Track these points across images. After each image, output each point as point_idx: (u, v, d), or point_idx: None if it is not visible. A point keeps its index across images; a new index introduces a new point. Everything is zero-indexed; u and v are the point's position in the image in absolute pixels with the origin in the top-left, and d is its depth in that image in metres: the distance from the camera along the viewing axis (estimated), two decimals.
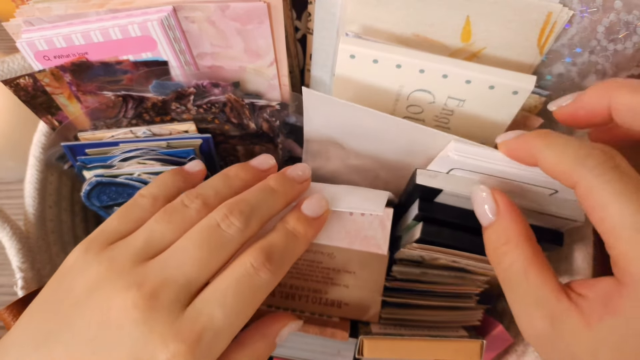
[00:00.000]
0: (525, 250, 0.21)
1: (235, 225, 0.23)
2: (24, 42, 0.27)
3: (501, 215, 0.22)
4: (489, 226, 0.23)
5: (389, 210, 0.28)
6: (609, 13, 0.26)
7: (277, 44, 0.29)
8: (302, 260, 0.29)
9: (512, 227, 0.22)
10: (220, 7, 0.27)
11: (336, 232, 0.28)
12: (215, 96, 0.30)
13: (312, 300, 0.30)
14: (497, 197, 0.23)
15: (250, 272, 0.22)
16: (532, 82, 0.25)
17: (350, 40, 0.26)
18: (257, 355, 0.24)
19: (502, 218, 0.22)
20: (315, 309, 0.30)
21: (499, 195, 0.23)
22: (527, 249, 0.21)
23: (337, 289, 0.29)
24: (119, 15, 0.27)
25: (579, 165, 0.19)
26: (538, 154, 0.21)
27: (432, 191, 0.26)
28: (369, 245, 0.28)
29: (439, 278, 0.31)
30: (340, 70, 0.27)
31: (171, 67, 0.28)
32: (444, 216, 0.27)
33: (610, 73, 0.29)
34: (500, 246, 0.22)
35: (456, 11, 0.26)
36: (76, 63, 0.28)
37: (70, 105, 0.31)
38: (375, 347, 0.28)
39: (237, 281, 0.22)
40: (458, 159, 0.24)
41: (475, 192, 0.23)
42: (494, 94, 0.26)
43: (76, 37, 0.27)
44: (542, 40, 0.27)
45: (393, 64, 0.26)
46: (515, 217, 0.22)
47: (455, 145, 0.24)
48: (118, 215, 0.25)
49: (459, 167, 0.25)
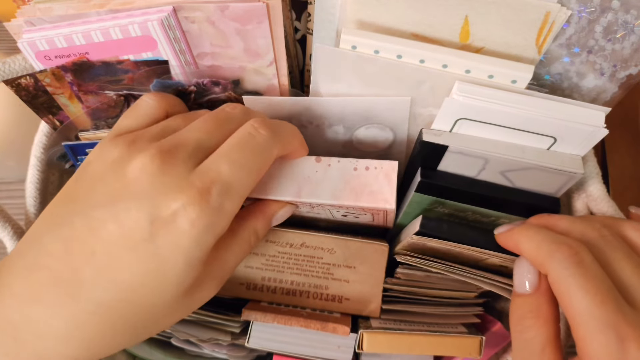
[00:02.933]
0: (550, 330, 0.23)
1: (238, 108, 0.27)
2: (25, 42, 0.27)
3: (542, 292, 0.24)
4: (522, 295, 0.25)
5: (393, 162, 0.27)
6: (607, 13, 0.27)
7: (276, 43, 0.29)
8: (303, 256, 0.30)
9: (547, 307, 0.24)
10: (219, 7, 0.27)
11: (340, 190, 0.27)
12: (216, 94, 0.30)
13: (313, 296, 0.30)
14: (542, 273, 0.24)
15: (251, 131, 0.25)
16: (531, 71, 0.26)
17: (351, 32, 0.26)
18: (255, 229, 0.27)
19: (542, 295, 0.24)
20: (317, 305, 0.30)
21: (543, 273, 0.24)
22: (552, 329, 0.23)
23: (338, 284, 0.30)
24: (120, 16, 0.27)
25: (550, 258, 0.23)
26: (520, 246, 0.25)
27: (435, 157, 0.27)
28: (376, 200, 0.27)
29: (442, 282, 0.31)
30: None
31: (171, 66, 0.28)
32: (446, 183, 0.28)
33: (608, 73, 0.29)
34: (529, 318, 0.24)
35: (455, 11, 0.26)
36: (77, 63, 0.28)
37: (71, 105, 0.31)
38: (375, 341, 0.29)
39: (240, 140, 0.24)
40: (463, 101, 0.25)
41: (521, 262, 0.25)
42: (493, 83, 0.26)
43: (77, 37, 0.27)
44: (540, 40, 0.27)
45: (394, 54, 0.26)
46: (552, 297, 0.24)
47: (460, 85, 0.25)
48: (127, 114, 0.27)
49: (464, 117, 0.26)
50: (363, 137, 0.32)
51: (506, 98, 0.25)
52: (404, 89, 0.28)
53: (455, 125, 0.27)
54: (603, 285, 0.21)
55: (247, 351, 0.34)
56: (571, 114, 0.25)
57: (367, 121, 0.31)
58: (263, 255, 0.31)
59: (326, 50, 0.27)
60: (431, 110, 0.29)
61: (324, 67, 0.28)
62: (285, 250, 0.31)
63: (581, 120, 0.25)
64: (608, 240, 0.24)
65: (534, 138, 0.27)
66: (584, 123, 0.25)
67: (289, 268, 0.30)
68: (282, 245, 0.31)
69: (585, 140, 0.26)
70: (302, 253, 0.30)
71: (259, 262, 0.31)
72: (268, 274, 0.31)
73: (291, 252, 0.31)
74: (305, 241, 0.31)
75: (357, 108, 0.30)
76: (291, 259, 0.31)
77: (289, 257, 0.31)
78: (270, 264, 0.31)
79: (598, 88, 0.30)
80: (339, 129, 0.32)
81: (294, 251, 0.31)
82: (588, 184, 0.31)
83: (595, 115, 0.25)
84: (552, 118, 0.25)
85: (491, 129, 0.27)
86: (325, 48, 0.27)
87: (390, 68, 0.27)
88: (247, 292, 0.31)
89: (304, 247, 0.31)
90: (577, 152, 0.27)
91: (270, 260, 0.31)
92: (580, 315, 0.21)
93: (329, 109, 0.30)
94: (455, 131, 0.27)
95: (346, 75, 0.28)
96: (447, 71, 0.26)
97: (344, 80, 0.29)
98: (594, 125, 0.25)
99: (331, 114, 0.31)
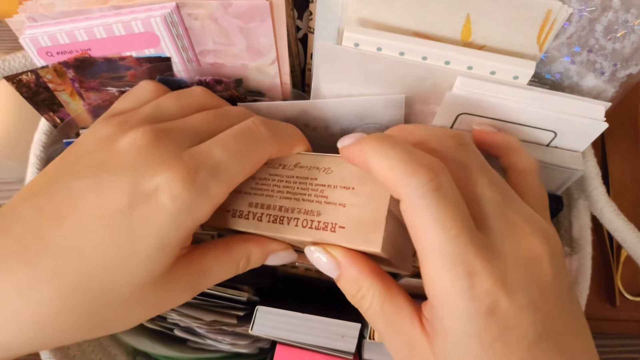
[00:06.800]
0: (376, 289, 0.22)
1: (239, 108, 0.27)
2: (27, 38, 0.27)
3: (343, 267, 0.22)
4: (338, 279, 0.23)
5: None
6: (607, 12, 0.27)
7: (279, 42, 0.29)
8: (295, 177, 0.26)
9: (358, 274, 0.22)
10: (222, 5, 0.27)
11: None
12: (219, 92, 0.30)
13: (302, 224, 0.25)
14: (332, 251, 0.23)
15: (251, 126, 0.24)
16: (533, 66, 0.26)
17: (354, 29, 0.27)
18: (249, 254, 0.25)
19: (346, 269, 0.22)
20: (306, 235, 0.25)
21: (333, 250, 0.23)
22: (378, 287, 0.22)
23: (332, 209, 0.24)
24: (122, 12, 0.27)
25: (405, 183, 0.19)
26: (370, 165, 0.21)
27: None
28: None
29: None
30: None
31: (174, 63, 0.29)
32: None
33: (609, 72, 0.29)
34: (356, 294, 0.22)
35: (457, 9, 0.27)
36: (79, 59, 0.28)
37: (72, 102, 0.31)
38: None
39: (239, 131, 0.24)
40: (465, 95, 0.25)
41: (308, 254, 0.23)
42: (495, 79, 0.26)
43: (79, 33, 0.27)
44: (541, 38, 0.27)
45: (396, 51, 0.26)
46: (356, 262, 0.22)
47: (461, 79, 0.25)
48: (123, 97, 0.26)
49: (465, 112, 0.26)
50: None
51: (507, 92, 0.25)
52: (406, 86, 0.28)
53: (457, 121, 0.27)
54: (459, 216, 0.19)
55: (251, 340, 0.34)
56: (572, 107, 0.25)
57: (363, 121, 0.31)
58: (253, 178, 0.27)
59: (328, 47, 0.27)
60: (433, 107, 0.29)
61: (326, 65, 0.28)
62: (277, 171, 0.27)
63: (581, 113, 0.25)
64: (467, 150, 0.22)
65: (535, 133, 0.27)
66: (584, 116, 0.25)
67: (279, 192, 0.26)
68: (275, 167, 0.27)
69: (585, 134, 0.26)
70: (295, 174, 0.26)
71: (247, 186, 0.27)
72: (256, 199, 0.26)
73: (283, 173, 0.26)
74: (300, 161, 0.26)
75: (352, 108, 0.30)
76: (282, 182, 0.26)
77: (280, 179, 0.26)
78: (260, 187, 0.27)
79: (598, 87, 0.30)
80: (335, 130, 0.32)
81: (286, 172, 0.26)
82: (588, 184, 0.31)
83: (595, 109, 0.25)
84: (552, 112, 0.25)
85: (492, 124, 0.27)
86: (327, 45, 0.27)
87: (393, 65, 0.27)
88: (232, 221, 0.27)
89: (297, 168, 0.26)
90: (578, 147, 0.27)
91: (260, 184, 0.27)
92: (430, 250, 0.19)
93: (325, 111, 0.30)
94: (457, 127, 0.28)
95: (348, 73, 0.28)
96: (450, 68, 0.26)
97: (346, 79, 0.29)
98: (594, 118, 0.25)
99: (327, 116, 0.31)
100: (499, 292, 0.19)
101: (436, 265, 0.19)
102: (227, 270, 0.25)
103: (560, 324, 0.20)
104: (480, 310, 0.19)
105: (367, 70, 0.28)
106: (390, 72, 0.27)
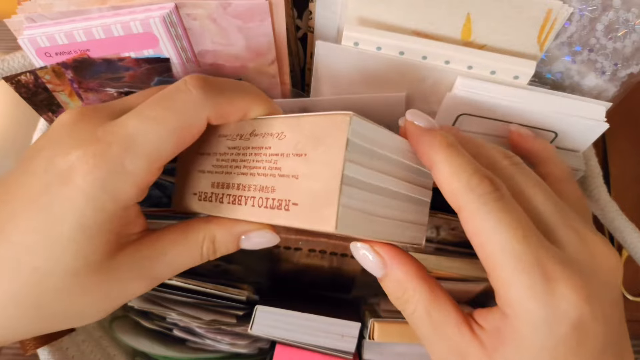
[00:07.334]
0: (422, 293, 0.21)
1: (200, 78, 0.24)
2: (26, 38, 0.27)
3: (389, 267, 0.22)
4: (382, 279, 0.22)
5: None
6: (608, 11, 0.27)
7: (278, 42, 0.29)
8: (251, 148, 0.23)
9: (404, 276, 0.21)
10: (221, 5, 0.27)
11: None
12: None
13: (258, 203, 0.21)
14: (379, 250, 0.22)
15: (180, 87, 0.21)
16: (533, 66, 0.26)
17: (354, 28, 0.27)
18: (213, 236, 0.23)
19: (392, 270, 0.22)
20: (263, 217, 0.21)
21: (380, 248, 0.22)
22: (424, 291, 0.21)
23: (286, 182, 0.20)
24: (121, 12, 0.27)
25: (468, 191, 0.19)
26: (433, 165, 0.20)
27: None
28: None
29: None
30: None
31: (173, 64, 0.28)
32: None
33: (609, 72, 0.29)
34: (401, 296, 0.22)
35: (457, 8, 0.26)
36: (78, 59, 0.28)
37: (71, 102, 0.31)
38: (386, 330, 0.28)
39: (160, 95, 0.21)
40: (465, 96, 0.25)
41: (354, 250, 0.22)
42: (495, 79, 0.26)
43: (78, 33, 0.27)
44: (542, 37, 0.27)
45: (396, 51, 0.26)
46: (403, 263, 0.22)
47: (462, 80, 0.25)
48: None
49: (466, 112, 0.26)
50: None
51: (508, 92, 0.25)
52: (406, 86, 0.28)
53: (457, 121, 0.27)
54: (525, 222, 0.19)
55: (250, 340, 0.34)
56: (572, 107, 0.25)
57: None
58: (214, 154, 0.25)
59: (328, 46, 0.27)
60: (433, 107, 0.29)
61: (326, 65, 0.28)
62: (235, 143, 0.24)
63: (582, 114, 0.25)
64: (522, 169, 0.22)
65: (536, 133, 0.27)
66: (585, 117, 0.25)
67: (237, 167, 0.23)
68: (232, 139, 0.24)
69: (586, 134, 0.26)
70: (250, 145, 0.23)
71: (209, 165, 0.25)
72: (218, 177, 0.24)
73: (240, 145, 0.23)
74: (256, 128, 0.23)
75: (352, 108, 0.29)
76: (239, 155, 0.23)
77: (237, 152, 0.23)
78: (220, 164, 0.24)
79: (599, 87, 0.30)
80: None
81: (242, 144, 0.23)
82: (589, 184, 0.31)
83: (596, 109, 0.25)
84: (553, 112, 0.25)
85: (493, 125, 0.27)
86: (327, 45, 0.27)
87: (393, 64, 0.27)
88: (197, 205, 0.25)
89: (253, 137, 0.23)
90: (579, 147, 0.27)
91: (220, 161, 0.24)
92: (500, 252, 0.18)
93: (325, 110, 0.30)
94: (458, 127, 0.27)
95: (348, 73, 0.28)
96: (450, 67, 0.26)
97: (346, 78, 0.29)
98: (595, 119, 0.25)
99: None
100: (582, 303, 0.18)
101: (508, 266, 0.18)
102: (188, 256, 0.23)
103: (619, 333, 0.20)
104: (562, 321, 0.18)
105: (367, 70, 0.27)
106: (390, 71, 0.27)
